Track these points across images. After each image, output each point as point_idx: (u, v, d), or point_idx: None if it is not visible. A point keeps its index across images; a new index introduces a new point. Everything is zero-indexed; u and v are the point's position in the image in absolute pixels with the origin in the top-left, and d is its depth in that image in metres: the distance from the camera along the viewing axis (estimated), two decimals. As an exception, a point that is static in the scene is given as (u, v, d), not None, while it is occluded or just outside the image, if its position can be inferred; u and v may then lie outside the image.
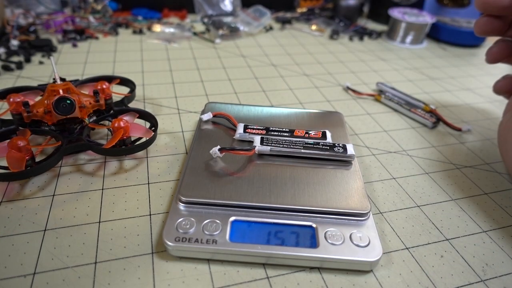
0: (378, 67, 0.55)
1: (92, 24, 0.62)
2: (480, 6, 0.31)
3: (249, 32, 0.64)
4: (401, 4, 0.71)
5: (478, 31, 0.33)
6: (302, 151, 0.30)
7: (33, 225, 0.26)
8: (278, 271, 0.24)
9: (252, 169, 0.29)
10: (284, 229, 0.25)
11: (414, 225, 0.28)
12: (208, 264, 0.24)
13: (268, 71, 0.51)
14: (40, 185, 0.29)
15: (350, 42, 0.65)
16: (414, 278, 0.24)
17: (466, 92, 0.50)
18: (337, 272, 0.24)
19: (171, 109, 0.41)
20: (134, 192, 0.29)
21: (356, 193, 0.27)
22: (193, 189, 0.26)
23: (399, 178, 0.33)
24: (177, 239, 0.24)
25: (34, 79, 0.45)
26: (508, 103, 0.34)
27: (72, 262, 0.24)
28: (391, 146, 0.38)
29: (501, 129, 0.32)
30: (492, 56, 0.35)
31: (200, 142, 0.31)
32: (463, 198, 0.32)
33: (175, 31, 0.62)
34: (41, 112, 0.31)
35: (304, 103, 0.44)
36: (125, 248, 0.25)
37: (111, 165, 0.32)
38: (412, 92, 0.49)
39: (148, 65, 0.50)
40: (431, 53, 0.62)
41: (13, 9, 0.61)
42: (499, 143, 0.32)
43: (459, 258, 0.26)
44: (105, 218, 0.27)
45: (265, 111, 0.37)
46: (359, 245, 0.24)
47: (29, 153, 0.28)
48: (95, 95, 0.34)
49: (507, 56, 0.35)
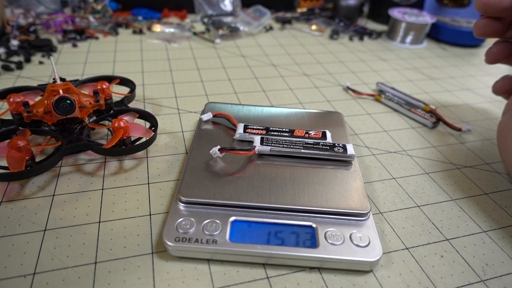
0: (378, 67, 0.55)
1: (92, 24, 0.62)
2: (480, 7, 0.31)
3: (249, 32, 0.64)
4: (401, 4, 0.71)
5: (478, 32, 0.33)
6: (302, 151, 0.30)
7: (33, 225, 0.26)
8: (278, 271, 0.24)
9: (252, 169, 0.29)
10: (284, 229, 0.25)
11: (414, 225, 0.28)
12: (208, 264, 0.24)
13: (268, 71, 0.51)
14: (40, 185, 0.29)
15: (350, 42, 0.65)
16: (414, 278, 0.24)
17: (466, 92, 0.50)
18: (337, 272, 0.24)
19: (171, 109, 0.41)
20: (134, 192, 0.29)
21: (356, 193, 0.27)
22: (193, 189, 0.26)
23: (399, 178, 0.33)
24: (177, 239, 0.24)
25: (34, 79, 0.45)
26: (507, 103, 0.34)
27: (72, 262, 0.24)
28: (391, 146, 0.38)
29: (500, 129, 0.32)
30: (491, 57, 0.35)
31: (200, 142, 0.31)
32: (463, 198, 0.32)
33: (175, 31, 0.62)
34: (41, 112, 0.31)
35: (304, 103, 0.44)
36: (125, 248, 0.25)
37: (111, 165, 0.32)
38: (412, 92, 0.49)
39: (148, 65, 0.50)
40: (431, 53, 0.62)
41: (13, 9, 0.61)
42: (499, 143, 0.32)
43: (459, 258, 0.26)
44: (105, 218, 0.27)
45: (265, 111, 0.37)
46: (359, 245, 0.24)
47: (29, 153, 0.28)
48: (95, 95, 0.34)
49: (506, 56, 0.35)
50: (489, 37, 0.34)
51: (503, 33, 0.33)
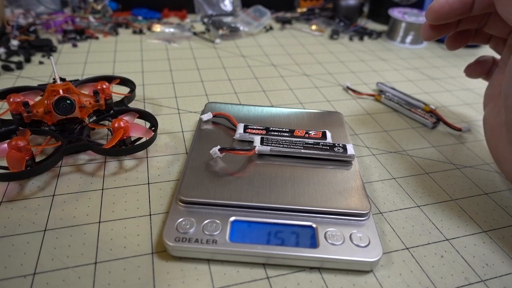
0: (378, 67, 0.55)
1: (92, 24, 0.62)
2: (431, 15, 0.30)
3: (249, 32, 0.64)
4: (401, 4, 0.71)
5: (449, 47, 0.35)
6: (302, 151, 0.30)
7: (33, 225, 0.26)
8: (278, 271, 0.24)
9: (252, 169, 0.29)
10: (284, 229, 0.25)
11: (414, 225, 0.28)
12: (208, 264, 0.24)
13: (268, 71, 0.51)
14: (40, 185, 0.29)
15: (350, 42, 0.65)
16: (414, 278, 0.24)
17: (466, 92, 0.50)
18: (337, 272, 0.24)
19: (171, 109, 0.41)
20: (134, 192, 0.29)
21: (356, 193, 0.27)
22: (193, 189, 0.26)
23: (399, 178, 0.33)
24: (177, 239, 0.24)
25: (34, 79, 0.45)
26: (485, 94, 0.34)
27: (72, 262, 0.24)
28: (391, 146, 0.38)
29: (486, 124, 0.32)
30: (470, 72, 0.36)
31: (200, 142, 0.31)
32: (463, 198, 0.32)
33: (175, 31, 0.62)
34: (41, 112, 0.31)
35: (304, 103, 0.44)
36: (125, 248, 0.25)
37: (111, 165, 0.32)
38: (412, 92, 0.49)
39: (148, 65, 0.50)
40: (431, 53, 0.62)
41: (13, 9, 0.61)
42: (487, 138, 0.32)
43: (459, 258, 0.26)
44: (105, 218, 0.27)
45: (265, 111, 0.37)
46: (359, 245, 0.24)
47: (29, 153, 0.28)
48: (95, 95, 0.34)
49: (485, 73, 0.35)
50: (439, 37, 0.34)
51: (472, 37, 0.34)
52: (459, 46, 0.35)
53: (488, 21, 0.32)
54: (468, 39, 0.35)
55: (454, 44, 0.35)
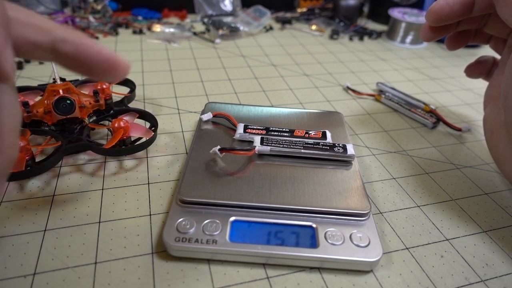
0: (378, 67, 0.55)
1: (92, 24, 0.62)
2: (431, 17, 0.30)
3: (249, 32, 0.64)
4: (401, 4, 0.71)
5: (450, 48, 0.35)
6: (302, 151, 0.30)
7: (33, 225, 0.26)
8: (278, 271, 0.24)
9: (252, 169, 0.29)
10: (284, 229, 0.25)
11: (414, 225, 0.28)
12: (208, 264, 0.24)
13: (268, 71, 0.51)
14: (40, 185, 0.29)
15: (350, 42, 0.65)
16: (414, 278, 0.24)
17: (466, 92, 0.50)
18: (337, 272, 0.24)
19: (171, 109, 0.41)
20: (134, 192, 0.29)
21: (356, 193, 0.27)
22: (193, 189, 0.26)
23: (399, 178, 0.33)
24: (177, 239, 0.24)
25: (34, 79, 0.45)
26: (485, 95, 0.34)
27: (72, 262, 0.24)
28: (391, 146, 0.38)
29: (486, 125, 0.32)
30: (470, 72, 0.36)
31: (200, 142, 0.31)
32: (463, 198, 0.32)
33: (175, 31, 0.62)
34: (41, 112, 0.31)
35: (304, 103, 0.44)
36: (125, 248, 0.25)
37: (111, 165, 0.32)
38: (412, 92, 0.49)
39: (148, 65, 0.50)
40: (431, 53, 0.62)
41: (13, 9, 0.61)
42: (487, 139, 0.32)
43: (459, 258, 0.26)
44: (105, 218, 0.27)
45: (265, 111, 0.37)
46: (359, 245, 0.24)
47: (29, 153, 0.28)
48: (95, 95, 0.34)
49: (485, 73, 0.35)
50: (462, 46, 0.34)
51: (472, 38, 0.34)
52: (459, 46, 0.35)
53: (488, 22, 0.32)
54: (468, 39, 0.35)
55: (454, 44, 0.35)
